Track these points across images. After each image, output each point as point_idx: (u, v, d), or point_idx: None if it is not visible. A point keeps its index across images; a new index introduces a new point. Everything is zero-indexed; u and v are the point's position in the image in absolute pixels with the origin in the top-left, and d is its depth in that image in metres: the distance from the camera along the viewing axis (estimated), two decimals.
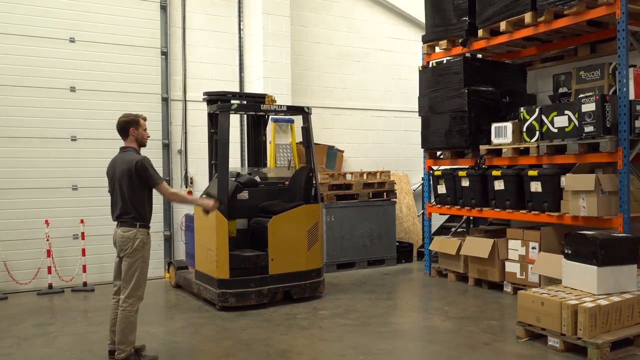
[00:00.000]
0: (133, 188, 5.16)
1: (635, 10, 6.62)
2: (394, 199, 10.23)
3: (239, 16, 10.07)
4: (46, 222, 8.28)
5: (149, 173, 5.17)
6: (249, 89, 10.14)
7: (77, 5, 8.72)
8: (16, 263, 8.27)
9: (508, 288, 7.76)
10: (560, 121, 7.02)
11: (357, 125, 11.37)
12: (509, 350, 5.42)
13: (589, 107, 6.60)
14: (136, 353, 5.23)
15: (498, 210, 7.95)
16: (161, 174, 9.27)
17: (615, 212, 6.58)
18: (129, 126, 5.31)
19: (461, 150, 8.62)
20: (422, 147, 9.24)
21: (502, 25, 7.63)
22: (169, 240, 9.44)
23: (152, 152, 9.15)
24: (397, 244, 10.27)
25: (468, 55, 8.69)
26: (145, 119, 5.47)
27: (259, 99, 8.34)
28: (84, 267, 8.53)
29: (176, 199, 6.05)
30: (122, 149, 5.38)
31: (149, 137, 5.53)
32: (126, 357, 5.09)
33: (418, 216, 11.46)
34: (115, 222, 5.32)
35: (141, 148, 5.45)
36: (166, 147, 9.40)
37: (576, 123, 6.80)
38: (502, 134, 7.78)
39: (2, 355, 5.48)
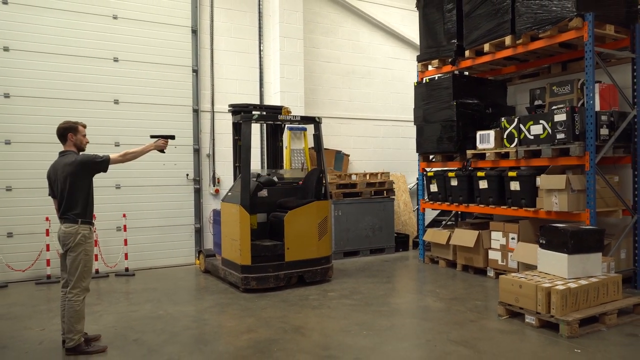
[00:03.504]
0: (76, 186, 4.91)
1: (600, 34, 6.64)
2: (393, 197, 10.24)
3: (259, 39, 10.11)
4: (93, 216, 8.37)
5: (95, 162, 4.95)
6: (268, 101, 10.18)
7: (120, 30, 8.82)
8: None
9: (491, 273, 7.79)
10: (536, 129, 7.04)
11: (361, 133, 11.39)
12: (491, 327, 5.45)
13: (560, 117, 6.64)
14: (86, 342, 4.96)
15: (482, 206, 7.97)
16: (192, 175, 9.40)
17: (583, 208, 6.59)
18: (67, 132, 5.01)
19: (450, 155, 8.63)
20: (417, 152, 9.25)
21: (486, 47, 7.66)
22: (199, 232, 9.48)
23: (184, 156, 9.34)
24: (395, 235, 10.28)
25: (456, 72, 8.67)
26: (84, 126, 5.15)
27: (277, 110, 8.35)
28: (126, 254, 8.62)
29: (131, 156, 5.19)
30: (61, 153, 5.05)
31: (87, 142, 5.19)
32: (75, 346, 4.84)
33: (413, 211, 11.46)
34: (60, 220, 4.99)
35: (80, 153, 5.12)
36: (196, 151, 9.46)
37: (550, 131, 6.82)
38: (486, 140, 7.81)
39: (54, 331, 5.51)
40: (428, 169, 9.23)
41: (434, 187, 8.95)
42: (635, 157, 6.98)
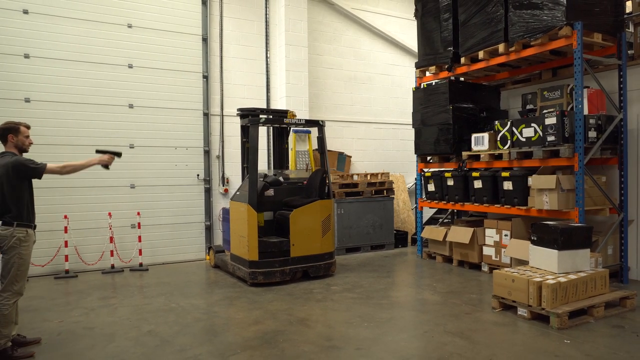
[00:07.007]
0: (11, 188, 4.56)
1: (588, 42, 6.64)
2: (392, 196, 10.23)
3: (266, 47, 10.12)
4: (109, 214, 8.42)
5: (27, 167, 4.58)
6: (274, 105, 10.19)
7: (135, 38, 8.84)
8: (85, 247, 8.41)
9: (485, 268, 7.79)
10: (528, 132, 7.04)
11: (362, 135, 11.40)
12: (485, 319, 5.46)
13: (551, 120, 6.65)
14: (13, 347, 4.60)
15: (477, 204, 7.97)
16: (202, 176, 9.41)
17: (572, 206, 6.60)
18: (7, 133, 4.68)
19: (447, 156, 8.62)
20: (415, 153, 9.24)
21: (480, 54, 7.66)
22: (209, 229, 9.50)
23: (195, 157, 9.36)
24: (394, 232, 10.28)
25: (452, 78, 8.72)
26: (28, 127, 4.80)
27: (283, 114, 8.37)
28: (140, 250, 8.63)
29: (70, 169, 4.82)
30: (1, 154, 4.72)
31: (31, 143, 4.85)
32: (1, 350, 4.50)
33: (412, 209, 11.46)
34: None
35: (23, 154, 4.80)
36: (207, 153, 9.47)
37: (541, 133, 6.83)
38: (480, 142, 7.81)
39: (73, 322, 5.56)
40: (426, 170, 9.22)
41: (431, 187, 8.95)
42: (622, 159, 6.98)
